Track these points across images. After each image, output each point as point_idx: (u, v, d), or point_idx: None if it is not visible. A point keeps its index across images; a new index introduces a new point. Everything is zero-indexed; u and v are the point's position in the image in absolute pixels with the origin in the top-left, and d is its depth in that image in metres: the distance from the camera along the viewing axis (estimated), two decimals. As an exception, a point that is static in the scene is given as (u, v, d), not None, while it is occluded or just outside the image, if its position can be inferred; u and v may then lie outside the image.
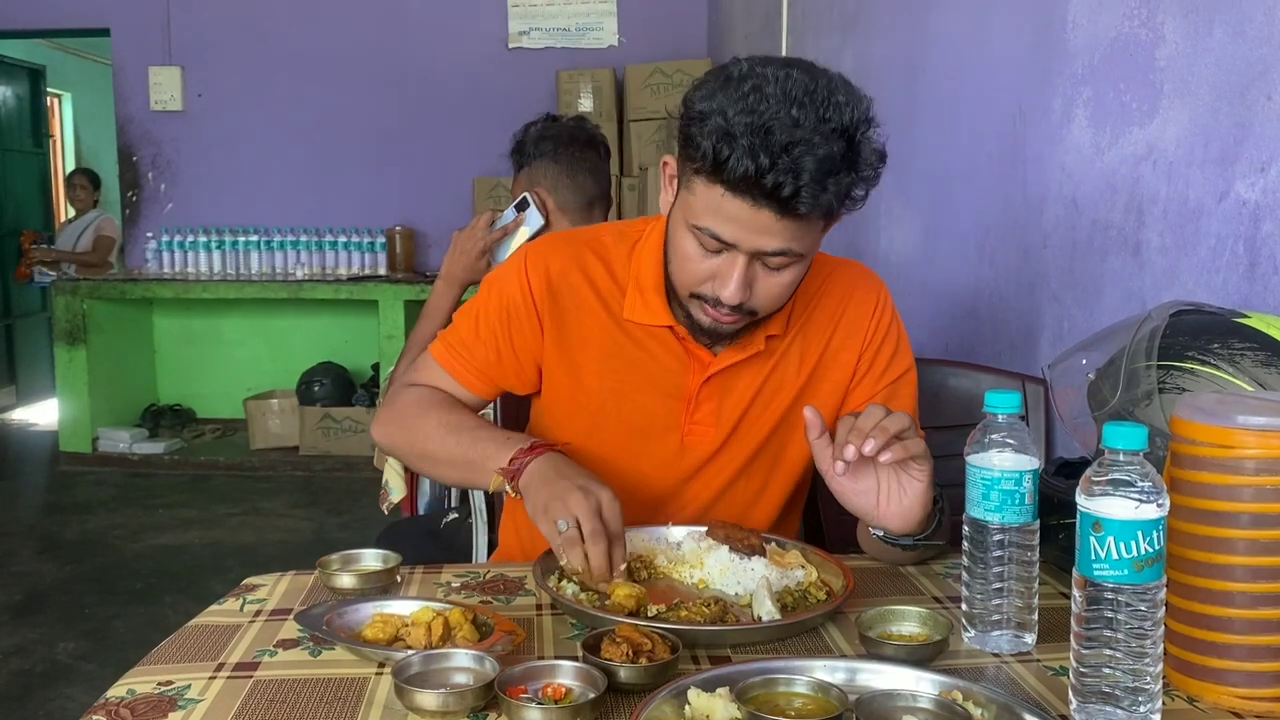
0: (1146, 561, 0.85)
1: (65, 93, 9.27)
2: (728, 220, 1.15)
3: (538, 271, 1.38)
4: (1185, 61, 1.49)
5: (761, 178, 1.09)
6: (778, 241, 1.16)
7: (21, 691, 3.08)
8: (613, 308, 1.37)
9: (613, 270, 1.38)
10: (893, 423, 1.13)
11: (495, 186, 5.60)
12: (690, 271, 1.23)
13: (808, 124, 1.09)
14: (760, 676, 0.90)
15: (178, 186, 6.16)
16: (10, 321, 7.30)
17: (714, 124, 1.11)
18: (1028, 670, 1.00)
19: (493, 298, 1.40)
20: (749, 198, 1.12)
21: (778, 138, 1.08)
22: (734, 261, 1.18)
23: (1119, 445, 0.86)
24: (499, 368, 1.40)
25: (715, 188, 1.14)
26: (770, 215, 1.12)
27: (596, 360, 1.37)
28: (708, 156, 1.11)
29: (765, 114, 1.09)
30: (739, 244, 1.16)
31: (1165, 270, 1.54)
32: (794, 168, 1.09)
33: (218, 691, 0.95)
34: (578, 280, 1.38)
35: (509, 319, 1.38)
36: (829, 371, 1.39)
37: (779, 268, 1.20)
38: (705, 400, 1.36)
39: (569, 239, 1.43)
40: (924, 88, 2.59)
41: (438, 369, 1.42)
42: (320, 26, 5.99)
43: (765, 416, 1.38)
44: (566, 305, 1.37)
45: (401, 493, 2.44)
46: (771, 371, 1.37)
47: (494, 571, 1.27)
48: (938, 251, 2.50)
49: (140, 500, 5.06)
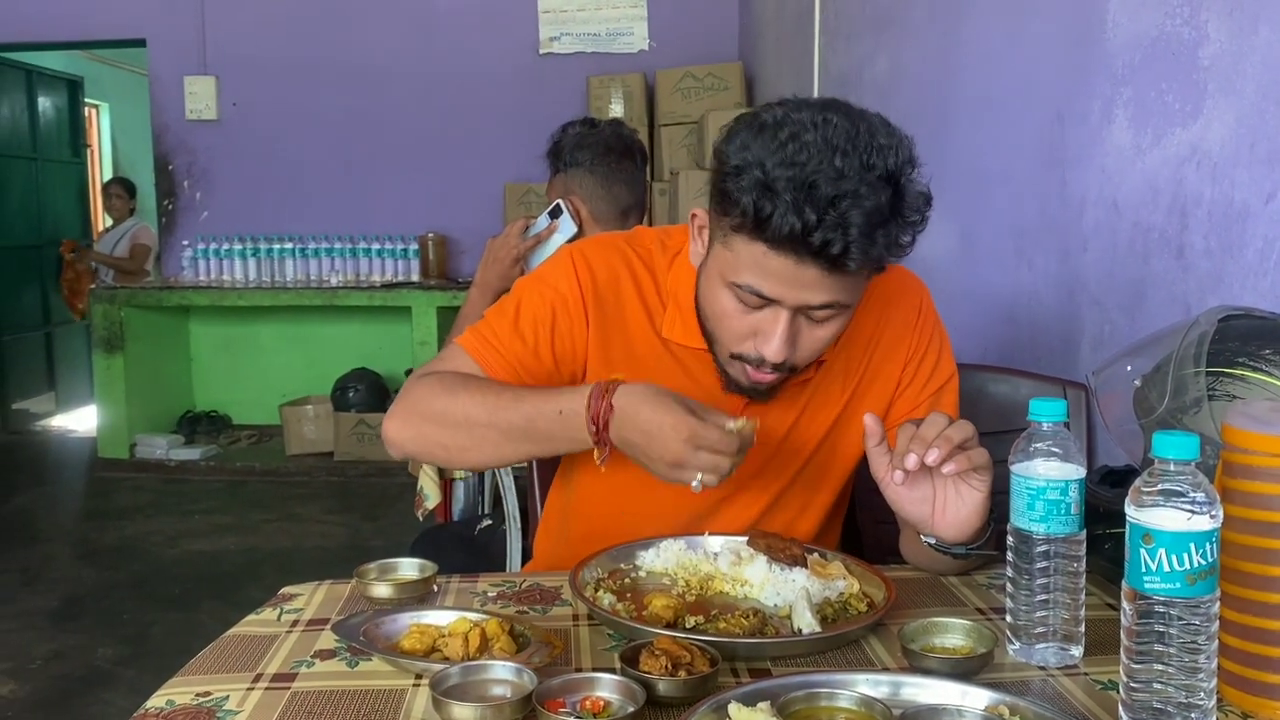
0: (1199, 574, 0.83)
1: (103, 103, 9.40)
2: (770, 277, 1.10)
3: (586, 272, 1.32)
4: (1230, 60, 1.46)
5: (809, 236, 1.04)
6: (824, 295, 1.12)
7: (61, 696, 3.11)
8: (655, 320, 1.33)
9: (657, 281, 1.34)
10: (956, 432, 1.09)
11: (526, 192, 5.61)
12: (729, 329, 1.19)
13: (852, 174, 1.03)
14: (802, 690, 0.89)
15: (213, 195, 6.22)
16: (50, 329, 7.40)
17: (752, 178, 1.05)
18: (1075, 684, 0.98)
19: (538, 295, 1.32)
20: (793, 255, 1.07)
21: (823, 191, 1.03)
22: (777, 317, 1.14)
23: (1170, 455, 0.84)
24: (533, 365, 1.31)
25: (757, 245, 1.09)
26: (817, 272, 1.08)
27: (642, 374, 1.30)
28: (748, 213, 1.06)
29: (808, 166, 1.03)
30: (783, 300, 1.12)
31: (1210, 273, 1.51)
32: (842, 223, 1.03)
33: (256, 702, 0.94)
34: (625, 287, 1.33)
35: (554, 317, 1.31)
36: (873, 385, 1.36)
37: (824, 320, 1.16)
38: (748, 417, 1.33)
39: (614, 243, 1.37)
40: (959, 89, 2.57)
41: (465, 357, 1.31)
42: (352, 35, 6.03)
43: (809, 434, 1.35)
44: (611, 313, 1.32)
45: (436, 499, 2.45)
46: (817, 387, 1.34)
47: (530, 581, 1.26)
48: (975, 255, 2.47)
49: (177, 506, 5.11)
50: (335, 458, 5.63)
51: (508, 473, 2.09)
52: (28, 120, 7.22)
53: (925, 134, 2.88)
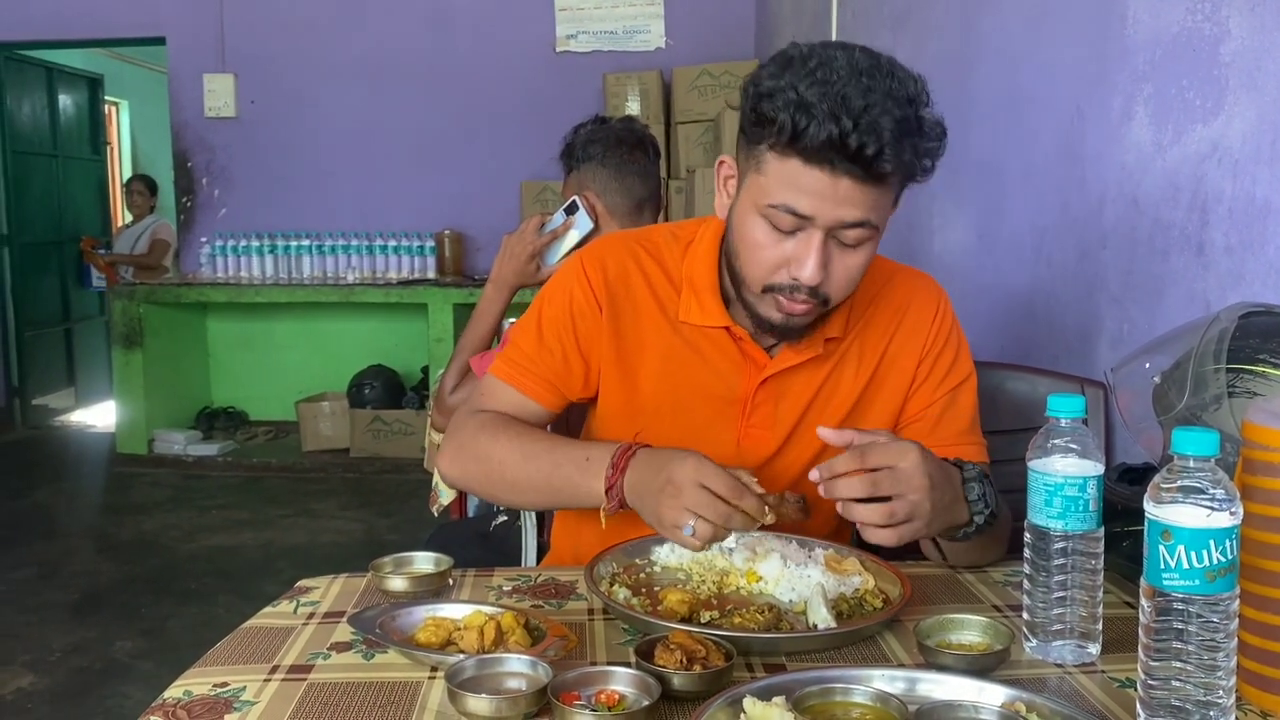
0: (1219, 571, 0.82)
1: (122, 101, 9.46)
2: (806, 193, 1.13)
3: (596, 272, 1.36)
4: (1252, 57, 1.44)
5: (845, 138, 1.08)
6: (857, 211, 1.14)
7: (80, 689, 3.13)
8: (668, 309, 1.35)
9: (667, 271, 1.37)
10: (842, 464, 1.08)
11: (543, 190, 5.62)
12: (762, 261, 1.20)
13: (879, 90, 1.09)
14: (817, 685, 0.88)
15: (231, 192, 6.25)
16: (70, 325, 7.45)
17: (787, 97, 1.10)
18: (1092, 682, 0.98)
19: (554, 304, 1.37)
20: (828, 166, 1.11)
21: (855, 101, 1.08)
22: (810, 240, 1.16)
23: (1190, 451, 0.83)
24: (566, 375, 1.36)
25: (791, 161, 1.13)
26: (850, 183, 1.12)
27: (652, 364, 1.36)
28: (785, 128, 1.11)
29: (838, 84, 1.09)
30: (817, 216, 1.14)
31: (1230, 271, 1.50)
32: (875, 127, 1.08)
33: (272, 694, 0.95)
34: (636, 281, 1.36)
35: (574, 321, 1.35)
36: (888, 377, 1.37)
37: (855, 243, 1.18)
38: (761, 403, 1.34)
39: (622, 240, 1.41)
40: (978, 86, 2.55)
41: (502, 386, 1.37)
42: (370, 34, 6.05)
43: (823, 420, 1.34)
44: (623, 306, 1.36)
45: (451, 495, 2.45)
46: (829, 375, 1.35)
47: (545, 575, 1.26)
48: (993, 252, 2.46)
49: (194, 501, 5.14)
50: (351, 454, 5.65)
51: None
52: (48, 118, 7.27)
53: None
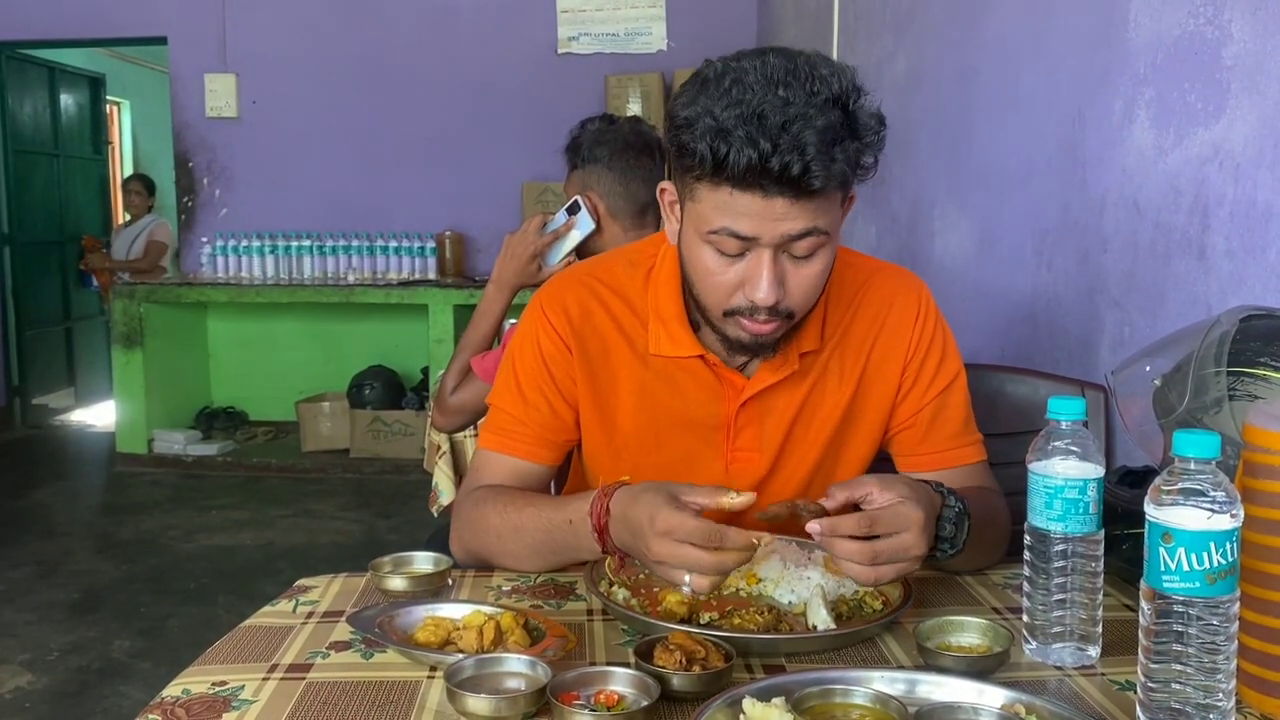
0: (1219, 574, 0.82)
1: (124, 100, 9.46)
2: (742, 216, 1.10)
3: (559, 315, 1.32)
4: (1254, 60, 1.44)
5: (766, 162, 1.04)
6: (800, 223, 1.10)
7: (79, 688, 3.13)
8: (637, 344, 1.31)
9: (630, 303, 1.32)
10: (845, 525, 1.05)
11: (544, 191, 5.62)
12: (716, 286, 1.17)
13: (798, 101, 1.04)
14: (817, 686, 0.88)
15: (232, 192, 6.26)
16: (70, 325, 7.45)
17: (703, 125, 1.06)
18: (1092, 684, 0.97)
19: (526, 357, 1.33)
20: (759, 189, 1.07)
21: (772, 119, 1.03)
22: (760, 259, 1.12)
23: (1190, 453, 0.83)
24: (558, 426, 1.33)
25: (721, 189, 1.09)
26: (784, 201, 1.08)
27: (628, 401, 1.32)
28: (705, 159, 1.07)
29: (752, 102, 1.04)
30: (760, 236, 1.11)
31: (1232, 275, 1.50)
32: (797, 144, 1.03)
33: (271, 693, 0.95)
34: (599, 319, 1.32)
35: (549, 369, 1.31)
36: (873, 386, 1.33)
37: (808, 253, 1.14)
38: (745, 426, 1.31)
39: (578, 277, 1.36)
40: (979, 89, 2.56)
41: (495, 457, 1.33)
42: (372, 34, 6.06)
43: (811, 436, 1.33)
44: (592, 347, 1.32)
45: (451, 495, 2.45)
46: (811, 389, 1.31)
47: (544, 576, 1.26)
48: (994, 256, 2.46)
49: (194, 501, 5.14)
50: (351, 454, 5.66)
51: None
52: (49, 117, 7.28)
53: (945, 134, 2.86)
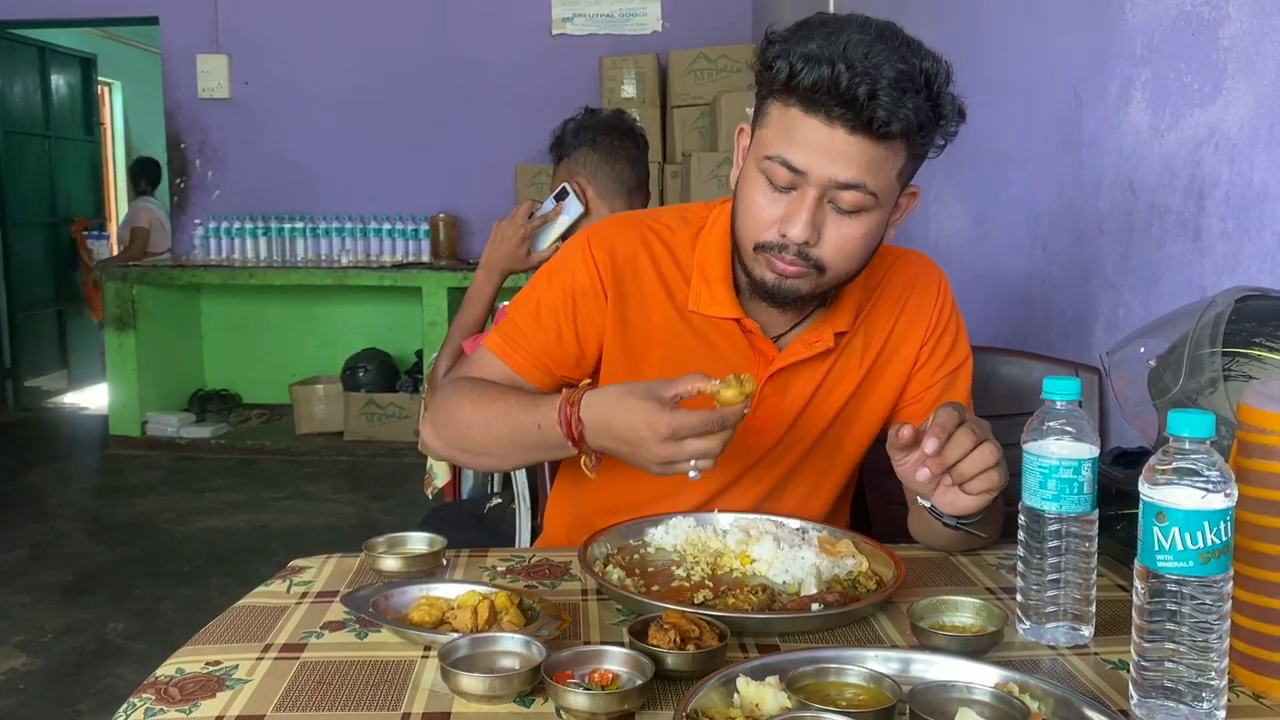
0: (1213, 553, 0.82)
1: (115, 81, 9.40)
2: (800, 144, 1.12)
3: (603, 253, 1.32)
4: (1250, 41, 1.44)
5: (838, 79, 1.07)
6: (851, 170, 1.12)
7: (73, 669, 3.13)
8: (677, 297, 1.32)
9: (677, 257, 1.33)
10: (954, 451, 1.08)
11: (538, 174, 5.60)
12: (756, 218, 1.19)
13: (887, 50, 1.09)
14: (811, 665, 0.88)
15: (225, 174, 6.22)
16: (62, 307, 7.42)
17: (791, 46, 1.11)
18: (1085, 663, 0.98)
19: (556, 284, 1.34)
20: (823, 113, 1.10)
21: (855, 51, 1.08)
22: (804, 197, 1.15)
23: (1185, 433, 0.83)
24: (560, 355, 1.33)
25: (791, 109, 1.13)
26: (845, 134, 1.10)
27: (659, 352, 1.33)
28: (782, 71, 1.11)
29: (843, 36, 1.09)
30: (810, 171, 1.13)
31: (1227, 256, 1.50)
32: (871, 73, 1.07)
33: (265, 672, 0.95)
34: (644, 265, 1.33)
35: (574, 303, 1.32)
36: (889, 364, 1.36)
37: (852, 209, 1.15)
38: (768, 396, 1.32)
39: (633, 221, 1.37)
40: (976, 70, 2.55)
41: (493, 359, 1.34)
42: (365, 15, 6.02)
43: (823, 410, 1.35)
44: (630, 291, 1.32)
45: (445, 477, 2.46)
46: (834, 364, 1.34)
47: (539, 556, 1.26)
48: (989, 237, 2.46)
49: (188, 484, 5.13)
50: (345, 437, 5.65)
51: (517, 451, 2.09)
52: (40, 98, 7.24)
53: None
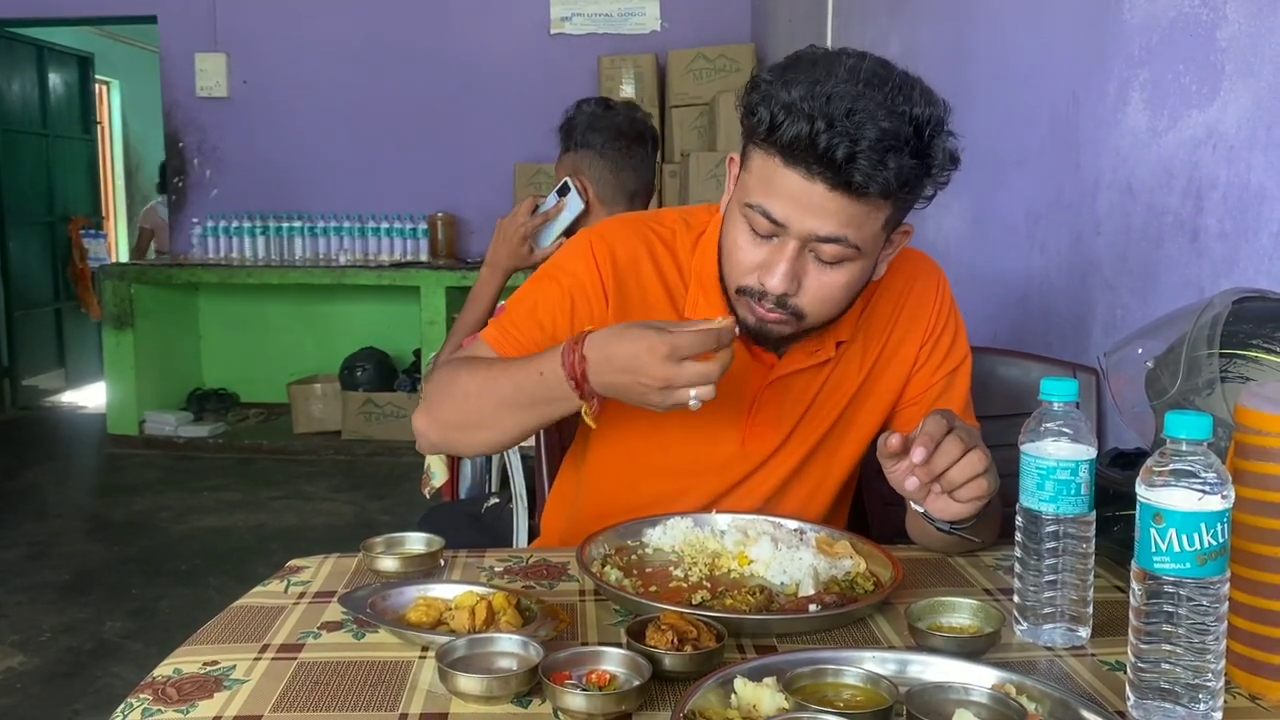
0: (1210, 555, 0.82)
1: (113, 80, 9.38)
2: (781, 196, 1.11)
3: (605, 255, 1.31)
4: (1248, 42, 1.44)
5: (816, 138, 1.05)
6: (830, 224, 1.11)
7: (70, 669, 3.13)
8: (677, 302, 1.32)
9: (678, 262, 1.33)
10: (943, 460, 1.07)
11: (537, 173, 5.60)
12: (738, 262, 1.18)
13: (873, 100, 1.05)
14: (809, 666, 0.89)
15: (223, 173, 6.22)
16: (60, 306, 7.41)
17: (774, 93, 1.08)
18: (1082, 664, 0.98)
19: (556, 281, 1.32)
20: (803, 167, 1.08)
21: (839, 105, 1.05)
22: (783, 248, 1.14)
23: (1182, 434, 0.83)
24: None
25: (772, 159, 1.11)
26: (824, 190, 1.08)
27: None
28: (764, 121, 1.09)
29: (828, 86, 1.06)
30: (789, 225, 1.12)
31: (1224, 257, 1.50)
32: (852, 132, 1.05)
33: (262, 672, 0.95)
34: (646, 269, 1.32)
35: (573, 302, 1.31)
36: (889, 366, 1.36)
37: (832, 261, 1.14)
38: (767, 403, 1.32)
39: (635, 224, 1.36)
40: (973, 71, 2.55)
41: (487, 349, 1.33)
42: (364, 14, 6.01)
43: (823, 415, 1.34)
44: (631, 295, 1.31)
45: (443, 477, 2.46)
46: (833, 370, 1.33)
47: (537, 556, 1.26)
48: (987, 238, 2.46)
49: (185, 483, 5.13)
50: (343, 436, 5.64)
51: (515, 451, 2.09)
52: (38, 96, 7.22)
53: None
